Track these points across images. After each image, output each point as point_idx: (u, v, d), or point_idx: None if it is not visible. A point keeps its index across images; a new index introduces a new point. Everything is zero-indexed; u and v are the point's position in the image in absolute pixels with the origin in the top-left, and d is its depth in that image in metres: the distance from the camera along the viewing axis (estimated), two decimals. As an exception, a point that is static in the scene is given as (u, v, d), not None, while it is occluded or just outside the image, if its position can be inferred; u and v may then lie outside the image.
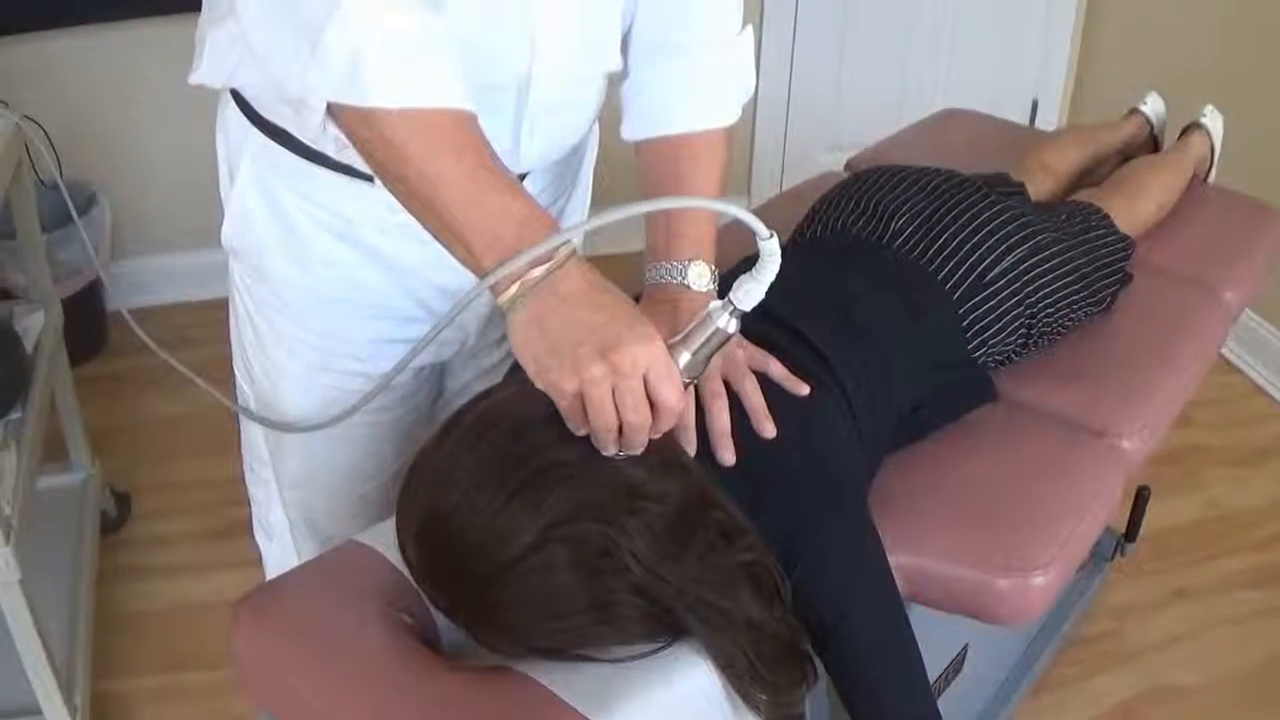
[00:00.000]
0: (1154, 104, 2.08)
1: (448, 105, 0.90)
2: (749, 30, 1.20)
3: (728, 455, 1.07)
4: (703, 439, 1.07)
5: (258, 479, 1.47)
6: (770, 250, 0.89)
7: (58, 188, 1.70)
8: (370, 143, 0.91)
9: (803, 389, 1.15)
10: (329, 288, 1.18)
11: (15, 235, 1.92)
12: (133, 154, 2.72)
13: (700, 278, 1.11)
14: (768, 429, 1.10)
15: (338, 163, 1.07)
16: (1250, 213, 1.94)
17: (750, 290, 0.91)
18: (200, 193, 1.59)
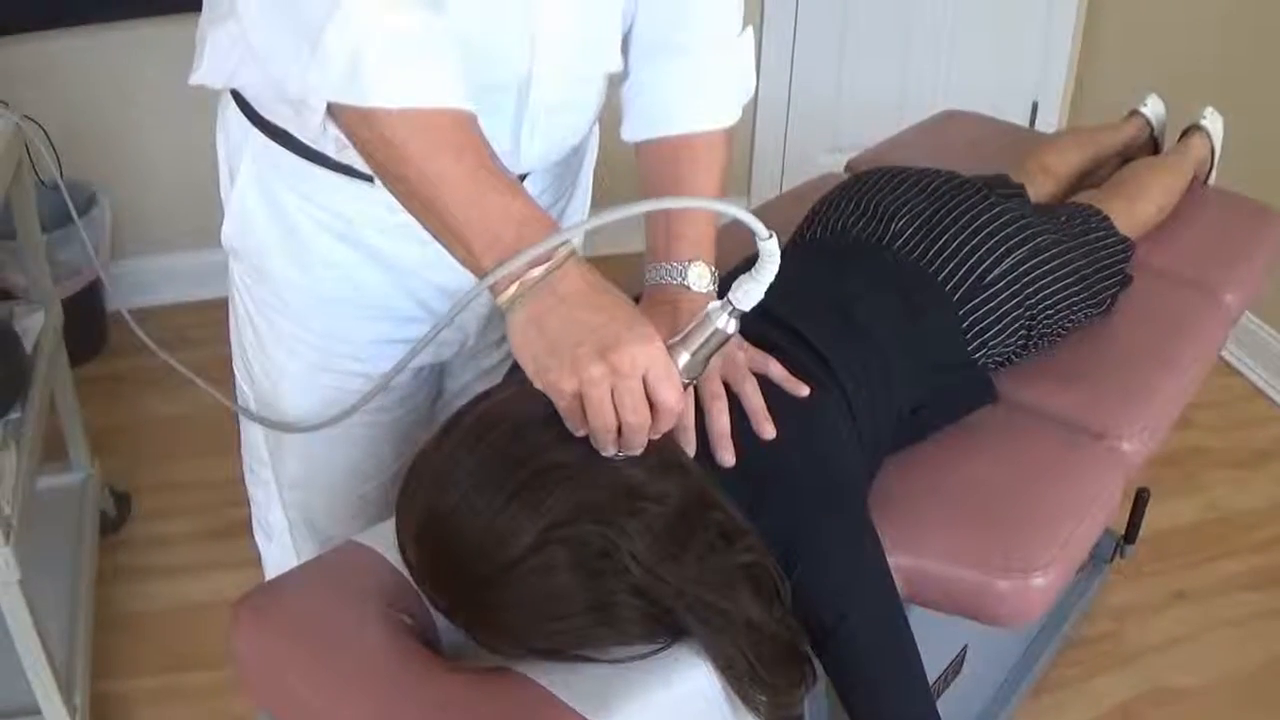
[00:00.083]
0: (1154, 106, 2.08)
1: (448, 105, 0.91)
2: (749, 31, 1.20)
3: (727, 456, 1.07)
4: (702, 440, 1.07)
5: (257, 479, 1.47)
6: (769, 251, 0.89)
7: (58, 188, 1.70)
8: (370, 143, 0.91)
9: (802, 390, 1.15)
10: (329, 288, 1.18)
11: (15, 235, 1.92)
12: (133, 154, 2.72)
13: (700, 278, 1.11)
14: (767, 430, 1.10)
15: (338, 163, 1.07)
16: (1250, 215, 1.94)
17: (750, 290, 0.91)
18: (200, 193, 1.59)
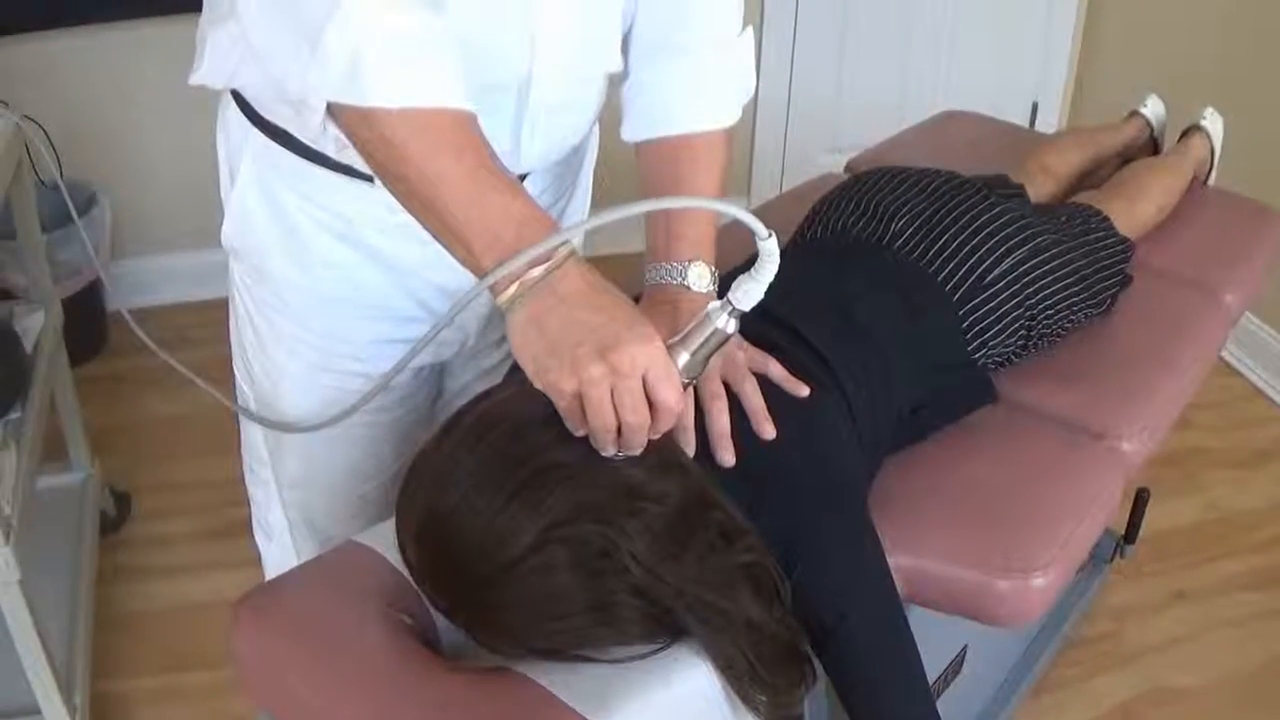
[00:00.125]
0: (1154, 106, 2.08)
1: (448, 105, 0.91)
2: (749, 31, 1.20)
3: (727, 456, 1.07)
4: (702, 440, 1.07)
5: (257, 479, 1.47)
6: (769, 250, 0.88)
7: (58, 188, 1.70)
8: (370, 143, 0.91)
9: (802, 390, 1.15)
10: (329, 288, 1.18)
11: (15, 235, 1.92)
12: (133, 154, 2.72)
13: (700, 278, 1.11)
14: (767, 430, 1.10)
15: (338, 163, 1.07)
16: (1250, 215, 1.94)
17: (749, 290, 0.91)
18: (200, 193, 1.59)
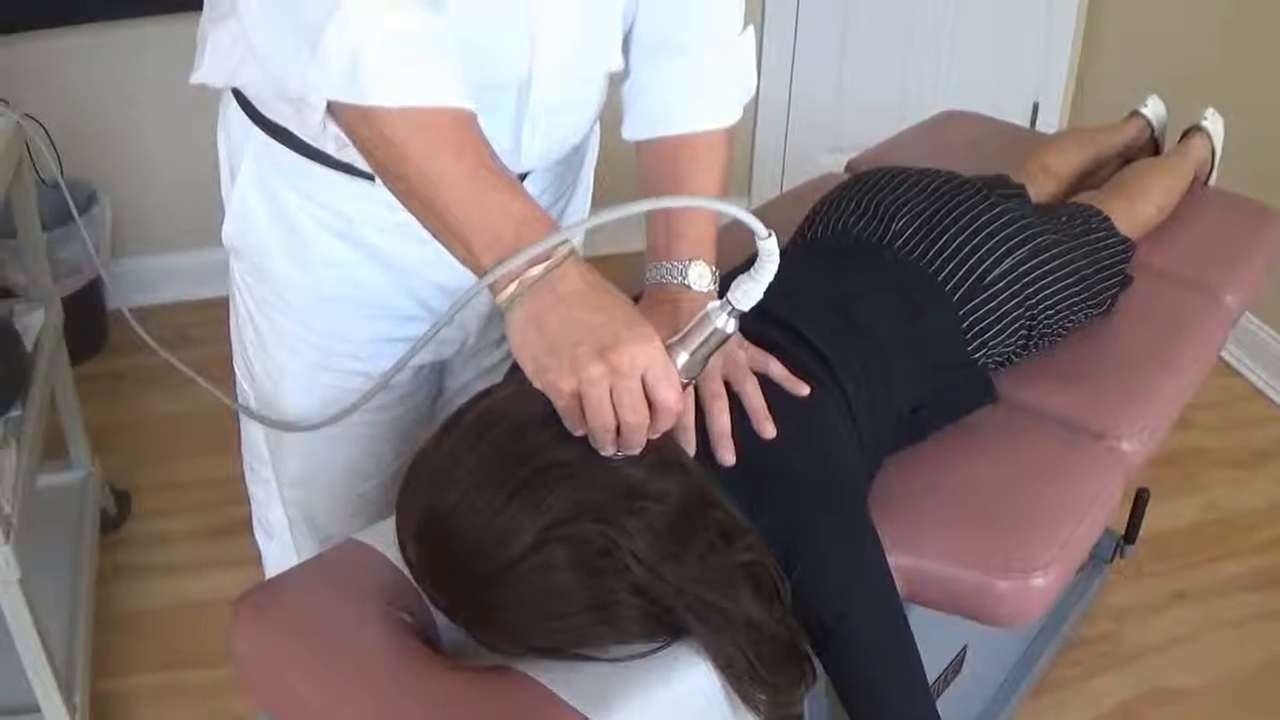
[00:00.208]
0: (1154, 107, 2.08)
1: (448, 104, 0.91)
2: (750, 31, 1.20)
3: (728, 455, 1.07)
4: (703, 439, 1.07)
5: (257, 478, 1.47)
6: (768, 250, 0.88)
7: (58, 186, 1.70)
8: (370, 141, 0.91)
9: (803, 389, 1.15)
10: (330, 287, 1.18)
11: (16, 234, 1.92)
12: (133, 153, 2.72)
13: (701, 278, 1.11)
14: (768, 429, 1.10)
15: (339, 161, 1.08)
16: (1251, 215, 1.94)
17: (749, 290, 0.91)
18: (201, 192, 1.59)
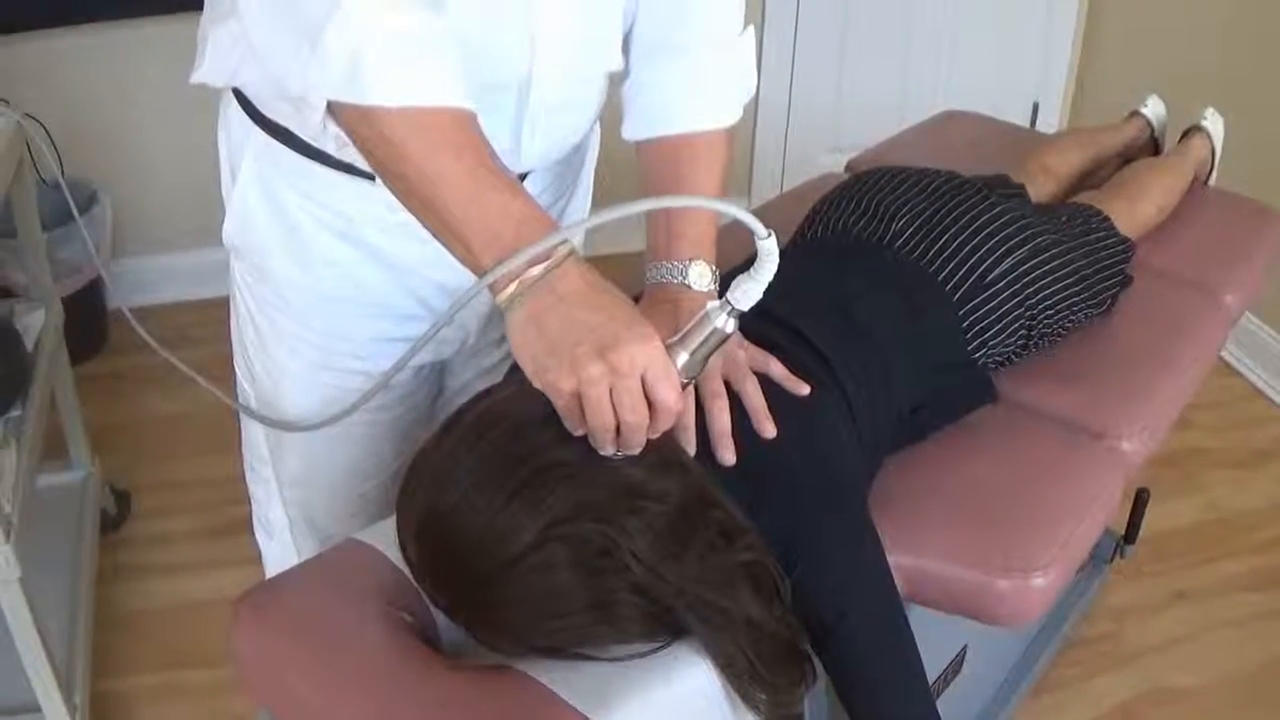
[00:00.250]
0: (1154, 106, 2.08)
1: (447, 104, 0.91)
2: (750, 30, 1.20)
3: (728, 455, 1.07)
4: (703, 439, 1.07)
5: (258, 477, 1.47)
6: (768, 250, 0.88)
7: (59, 186, 1.70)
8: (370, 141, 0.91)
9: (803, 389, 1.15)
10: (330, 286, 1.18)
11: (16, 233, 1.92)
12: (134, 153, 2.72)
13: (701, 277, 1.11)
14: (768, 429, 1.10)
15: (339, 161, 1.08)
16: (1250, 215, 1.94)
17: (748, 290, 0.90)
18: (201, 192, 1.60)
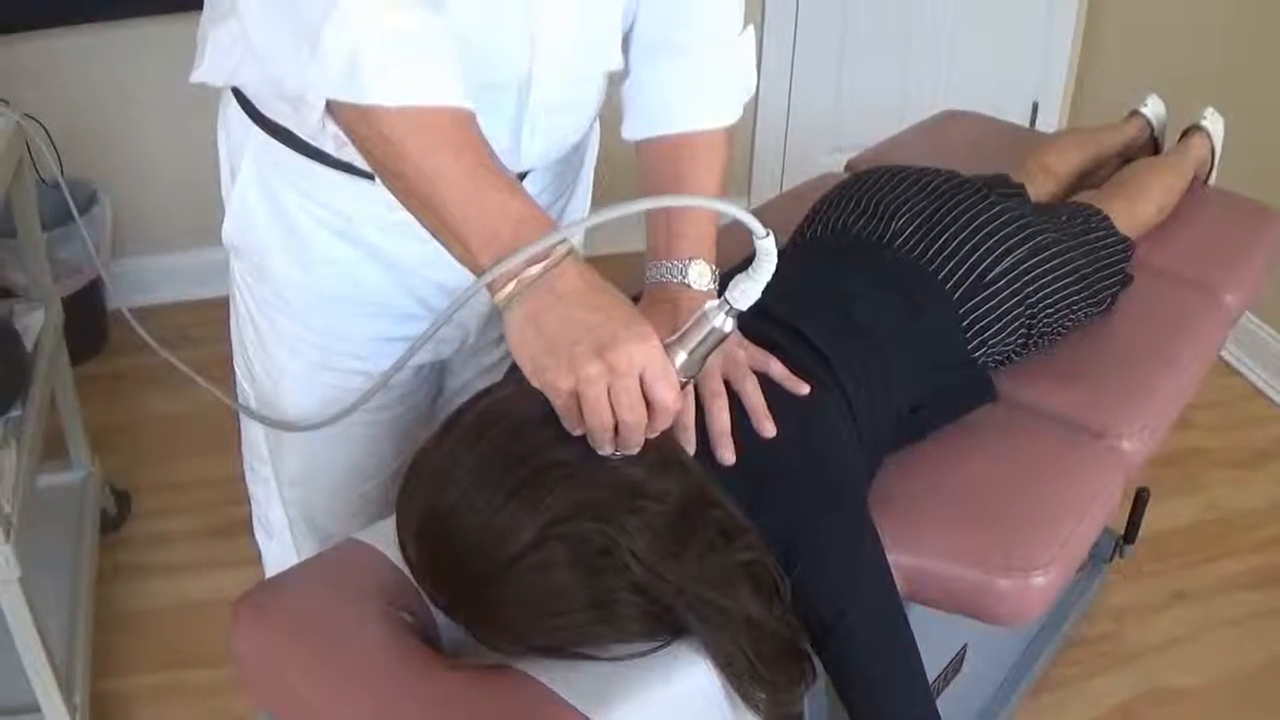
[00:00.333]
0: (1154, 106, 2.08)
1: (446, 103, 0.91)
2: (750, 30, 1.20)
3: (727, 454, 1.07)
4: (702, 438, 1.07)
5: (257, 477, 1.47)
6: (766, 249, 0.88)
7: (58, 186, 1.70)
8: (369, 140, 0.91)
9: (803, 388, 1.15)
10: (329, 286, 1.18)
11: (16, 233, 1.92)
12: (133, 153, 2.72)
13: (701, 277, 1.11)
14: (768, 428, 1.10)
15: (338, 160, 1.08)
16: (1250, 215, 1.94)
17: (746, 289, 0.90)
18: (201, 191, 1.60)
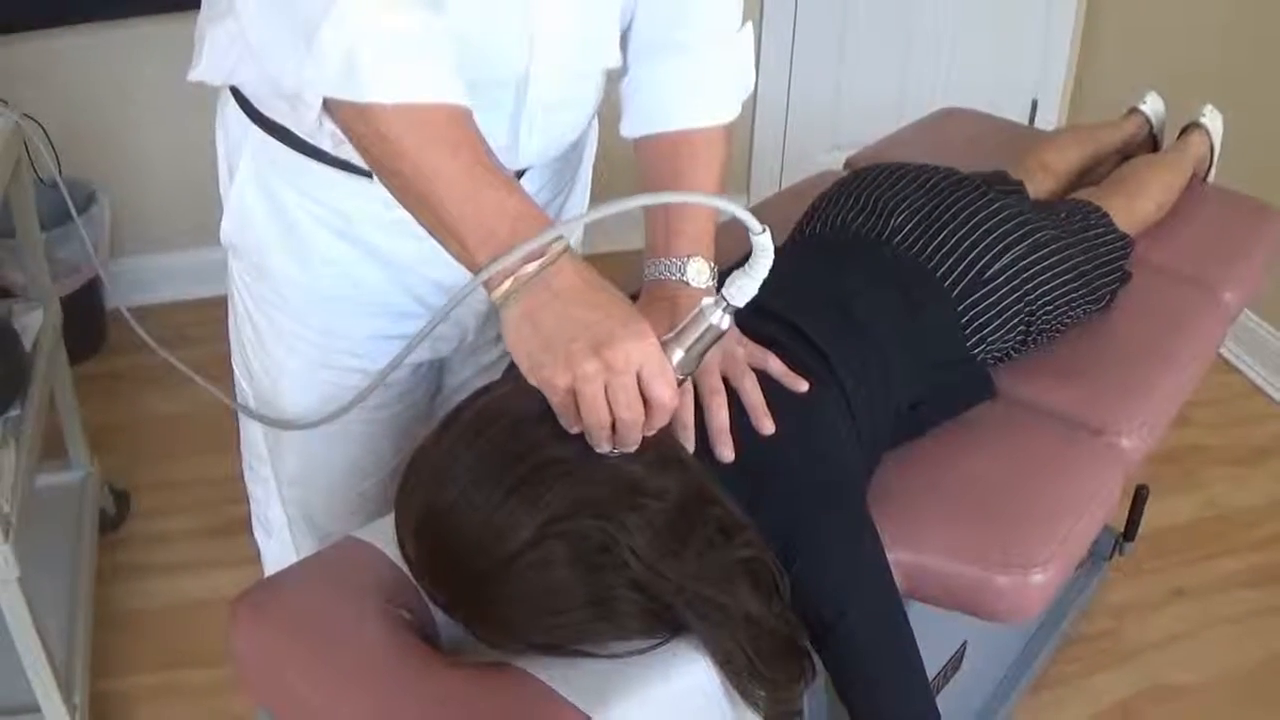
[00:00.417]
0: (1153, 103, 2.08)
1: (444, 101, 0.90)
2: (749, 27, 1.20)
3: (727, 452, 1.07)
4: (701, 435, 1.07)
5: (256, 476, 1.47)
6: (763, 246, 0.88)
7: (57, 186, 1.69)
8: (366, 138, 0.91)
9: (802, 386, 1.15)
10: (328, 284, 1.18)
11: (14, 233, 1.92)
12: (132, 152, 2.72)
13: (699, 274, 1.11)
14: (767, 426, 1.10)
15: (336, 159, 1.07)
16: (1249, 212, 1.94)
17: (743, 286, 0.90)
18: (199, 190, 1.59)
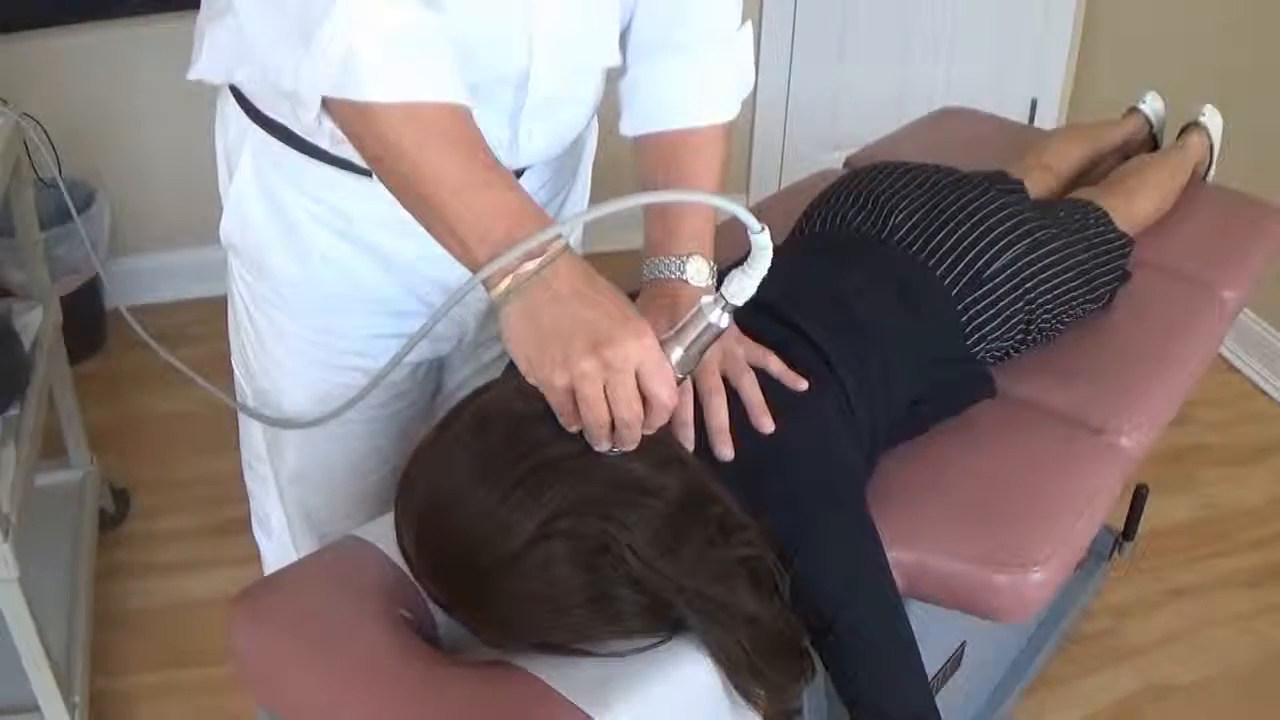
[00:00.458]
0: (1153, 103, 2.08)
1: (443, 100, 0.91)
2: (748, 26, 1.20)
3: (726, 451, 1.07)
4: (701, 434, 1.07)
5: (256, 475, 1.47)
6: (762, 244, 0.88)
7: (57, 185, 1.70)
8: (365, 137, 0.91)
9: (801, 384, 1.15)
10: (328, 283, 1.18)
11: (14, 233, 1.92)
12: (131, 151, 2.72)
13: (699, 272, 1.11)
14: (766, 424, 1.10)
15: (336, 158, 1.07)
16: (1249, 212, 1.94)
17: (742, 285, 0.90)
18: (199, 190, 1.59)
